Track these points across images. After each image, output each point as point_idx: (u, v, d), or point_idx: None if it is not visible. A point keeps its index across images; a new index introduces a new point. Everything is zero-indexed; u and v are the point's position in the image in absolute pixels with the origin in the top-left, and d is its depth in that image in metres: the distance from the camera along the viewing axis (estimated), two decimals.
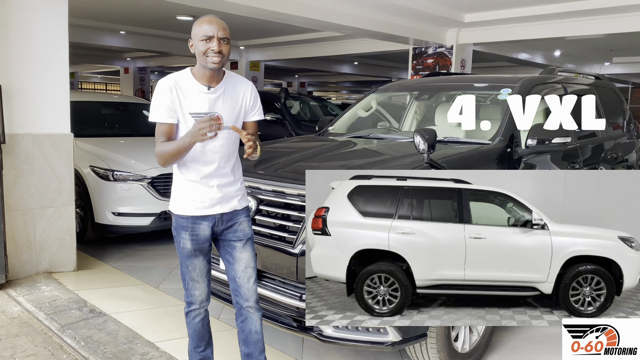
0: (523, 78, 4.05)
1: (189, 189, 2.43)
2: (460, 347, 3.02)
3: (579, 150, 4.20)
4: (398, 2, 7.54)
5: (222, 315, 3.80)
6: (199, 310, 2.59)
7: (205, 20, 2.33)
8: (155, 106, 2.35)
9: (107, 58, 17.20)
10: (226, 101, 2.40)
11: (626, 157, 5.15)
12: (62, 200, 4.59)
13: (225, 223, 2.48)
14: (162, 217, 5.47)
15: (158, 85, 2.37)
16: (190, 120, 2.34)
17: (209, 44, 2.29)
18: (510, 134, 3.53)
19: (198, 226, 2.44)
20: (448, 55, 9.79)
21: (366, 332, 2.69)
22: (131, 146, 6.08)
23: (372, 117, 4.71)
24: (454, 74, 6.57)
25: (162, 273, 4.79)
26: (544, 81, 4.21)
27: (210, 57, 2.29)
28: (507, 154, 3.48)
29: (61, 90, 4.55)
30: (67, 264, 4.66)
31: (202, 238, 2.47)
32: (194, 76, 2.38)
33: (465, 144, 3.59)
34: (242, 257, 2.51)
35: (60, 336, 3.37)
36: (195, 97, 2.35)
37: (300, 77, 25.28)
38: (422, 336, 2.78)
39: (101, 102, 7.28)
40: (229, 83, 2.43)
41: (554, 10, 7.88)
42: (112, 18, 10.44)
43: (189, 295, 2.57)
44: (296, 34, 11.30)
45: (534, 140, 3.50)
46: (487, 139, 3.56)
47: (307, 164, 3.23)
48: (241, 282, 2.52)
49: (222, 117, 2.37)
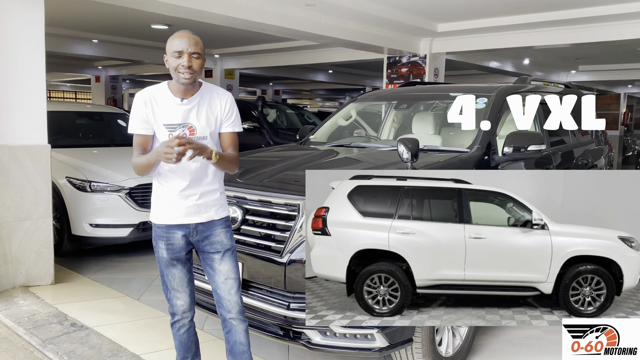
0: (498, 87, 4.17)
1: (166, 197, 2.46)
2: (444, 351, 3.08)
3: (552, 156, 4.35)
4: (373, 12, 7.65)
5: (206, 326, 3.79)
6: (182, 321, 2.62)
7: (177, 36, 2.38)
8: (132, 118, 2.43)
9: (78, 66, 16.91)
10: (200, 112, 2.43)
11: (595, 162, 5.34)
12: (39, 213, 4.52)
13: (201, 234, 2.49)
14: (140, 228, 5.42)
15: (135, 98, 2.43)
16: (164, 131, 2.39)
17: (179, 60, 2.33)
18: (487, 142, 3.64)
19: (172, 235, 2.47)
20: (422, 64, 9.96)
21: (354, 338, 2.72)
22: (108, 156, 6.02)
23: (352, 126, 4.78)
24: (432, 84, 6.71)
25: (143, 284, 4.74)
26: (518, 90, 4.34)
27: (181, 72, 2.34)
28: (485, 162, 3.58)
29: (38, 101, 4.49)
30: (44, 277, 4.58)
31: (177, 247, 2.49)
32: (170, 89, 2.44)
33: (445, 152, 3.68)
34: (221, 268, 2.52)
35: (42, 351, 3.31)
36: (169, 108, 2.41)
37: (275, 85, 25.28)
38: (408, 341, 2.83)
39: (76, 112, 7.19)
40: (205, 94, 2.47)
41: (523, 21, 8.12)
42: (85, 27, 10.30)
43: (171, 305, 2.60)
44: (272, 43, 11.33)
45: (511, 147, 3.61)
46: (465, 147, 3.66)
47: (293, 173, 3.27)
48: (222, 293, 2.53)
49: (195, 127, 2.41)
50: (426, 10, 8.12)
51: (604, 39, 8.36)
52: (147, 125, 2.41)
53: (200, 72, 2.40)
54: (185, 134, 2.38)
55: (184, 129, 2.40)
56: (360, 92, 17.20)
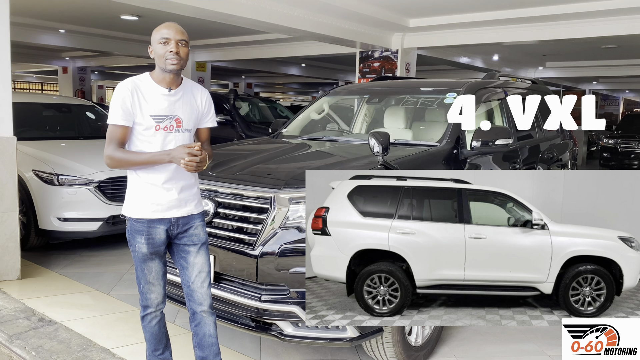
0: (467, 82, 4.26)
1: (146, 191, 2.44)
2: (414, 340, 3.14)
3: (519, 150, 4.46)
4: (345, 6, 7.68)
5: (178, 320, 3.78)
6: (155, 312, 2.60)
7: (163, 26, 2.41)
8: (113, 108, 2.37)
9: (44, 57, 16.46)
10: (185, 104, 2.46)
11: (560, 157, 5.51)
12: (4, 207, 4.41)
13: (181, 227, 2.50)
14: (110, 222, 5.34)
15: (118, 88, 2.37)
16: (151, 122, 2.37)
17: (167, 47, 2.35)
18: (456, 136, 3.71)
19: (154, 230, 2.46)
20: (394, 58, 10.05)
21: (325, 329, 2.75)
22: (76, 149, 5.89)
23: (324, 120, 4.80)
24: (403, 79, 6.78)
25: (112, 279, 4.69)
26: (486, 85, 4.44)
27: (169, 59, 2.34)
28: (454, 155, 3.65)
29: (3, 92, 4.37)
30: (10, 272, 4.48)
31: (158, 241, 2.48)
32: (154, 80, 2.42)
33: (415, 146, 3.74)
34: (196, 261, 2.53)
35: (9, 347, 3.25)
36: (156, 99, 2.39)
37: (247, 78, 25.11)
38: (379, 331, 2.87)
39: (44, 104, 7.00)
40: (187, 88, 2.50)
41: (492, 17, 8.29)
42: (52, 16, 10.03)
43: (145, 299, 2.57)
44: (244, 35, 11.25)
45: (479, 142, 3.69)
46: (434, 141, 3.73)
47: (265, 166, 3.28)
48: (195, 286, 2.54)
49: (181, 119, 2.43)
50: (398, 5, 8.20)
51: (570, 36, 8.60)
52: (130, 117, 2.35)
53: (185, 62, 2.40)
54: (172, 125, 2.39)
55: (171, 120, 2.40)
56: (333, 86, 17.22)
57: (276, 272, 2.78)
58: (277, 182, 2.91)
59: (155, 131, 2.39)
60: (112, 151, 2.36)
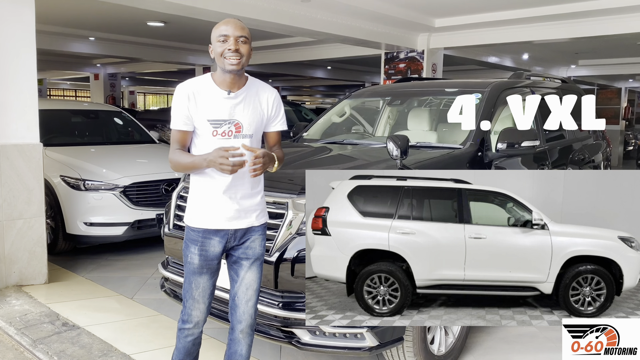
0: (492, 83, 4.13)
1: (205, 199, 2.30)
2: (437, 349, 3.06)
3: (548, 152, 4.31)
4: (369, 7, 7.60)
5: None
6: (192, 330, 2.44)
7: (222, 23, 2.25)
8: (172, 112, 2.28)
9: (76, 64, 16.85)
10: (247, 108, 2.29)
11: (593, 158, 5.30)
12: (31, 212, 4.49)
13: (238, 239, 2.35)
14: (135, 227, 5.41)
15: (176, 92, 2.27)
16: (208, 127, 2.24)
17: (225, 44, 2.20)
18: (480, 138, 3.60)
19: (209, 241, 2.32)
20: (419, 59, 9.91)
21: (344, 338, 2.70)
22: (103, 155, 6.00)
23: (346, 123, 4.74)
24: (426, 79, 6.66)
25: (137, 283, 4.72)
26: (513, 85, 4.31)
27: (228, 57, 2.19)
28: (478, 158, 3.55)
29: (29, 100, 4.46)
30: (38, 276, 4.56)
31: (211, 255, 2.34)
32: (214, 81, 2.27)
33: (438, 148, 3.64)
34: (247, 277, 2.40)
35: (32, 351, 3.29)
36: (214, 102, 2.24)
37: (274, 82, 25.23)
38: (399, 340, 2.80)
39: (71, 110, 7.15)
40: (252, 89, 2.32)
41: (521, 15, 8.07)
42: (81, 24, 10.26)
43: (186, 313, 2.42)
44: (269, 40, 11.28)
45: (504, 144, 3.58)
46: (458, 144, 3.62)
47: (283, 171, 3.23)
48: (239, 302, 2.42)
49: (241, 124, 2.27)
50: (423, 6, 8.07)
51: (603, 33, 8.30)
52: (189, 121, 2.23)
53: (247, 60, 2.24)
54: (231, 131, 2.24)
55: (230, 125, 2.24)
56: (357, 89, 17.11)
57: (293, 278, 2.73)
58: (293, 187, 2.87)
59: (213, 137, 2.23)
60: (170, 153, 2.29)
